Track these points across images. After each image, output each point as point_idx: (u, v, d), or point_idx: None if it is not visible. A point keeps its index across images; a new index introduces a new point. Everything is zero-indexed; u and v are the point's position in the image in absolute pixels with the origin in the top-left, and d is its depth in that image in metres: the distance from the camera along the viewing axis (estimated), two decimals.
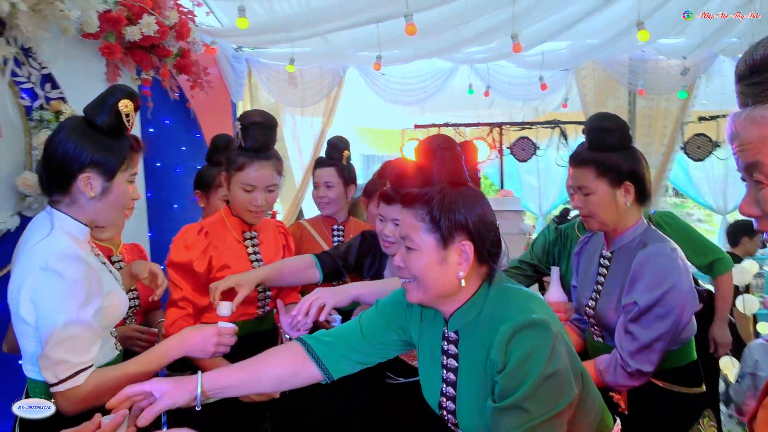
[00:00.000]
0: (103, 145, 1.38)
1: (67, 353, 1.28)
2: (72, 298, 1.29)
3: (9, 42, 2.23)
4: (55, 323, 1.27)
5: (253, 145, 1.84)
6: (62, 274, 1.27)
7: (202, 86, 3.65)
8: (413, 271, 1.17)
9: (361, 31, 3.77)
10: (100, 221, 1.45)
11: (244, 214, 1.91)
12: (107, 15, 2.72)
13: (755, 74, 0.75)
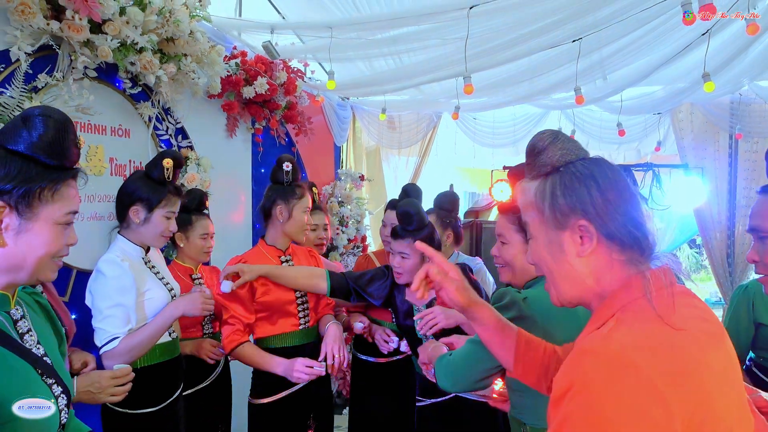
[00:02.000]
0: (147, 188, 2.00)
1: (106, 326, 1.86)
2: (110, 289, 1.88)
3: (153, 104, 2.86)
4: (100, 304, 1.88)
5: (296, 179, 2.36)
6: (105, 273, 1.89)
7: (305, 133, 4.20)
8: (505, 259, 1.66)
9: (447, 83, 4.12)
10: (144, 241, 2.02)
11: (301, 234, 2.34)
12: (228, 79, 3.33)
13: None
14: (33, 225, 1.07)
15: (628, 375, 0.77)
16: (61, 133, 1.09)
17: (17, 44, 2.11)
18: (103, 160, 2.62)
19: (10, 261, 1.07)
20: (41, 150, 1.06)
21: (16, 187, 1.04)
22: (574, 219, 0.93)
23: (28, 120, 1.07)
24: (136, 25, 2.44)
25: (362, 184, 5.26)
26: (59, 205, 1.10)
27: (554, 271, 0.99)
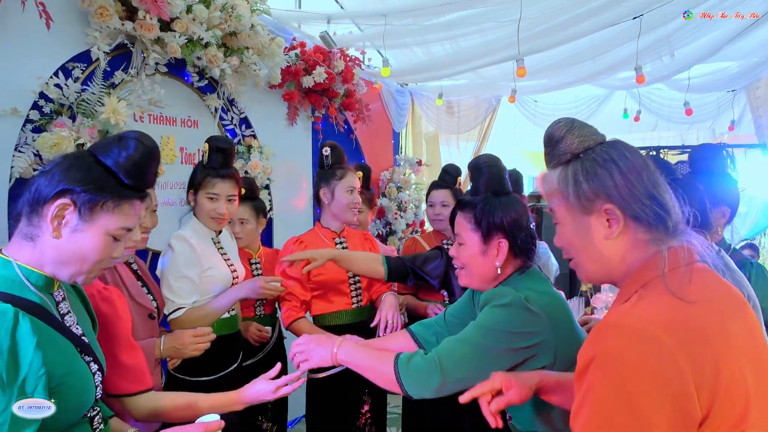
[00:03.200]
0: (196, 172, 2.21)
1: (173, 296, 2.04)
2: (177, 262, 2.06)
3: (219, 96, 3.03)
4: (168, 275, 2.06)
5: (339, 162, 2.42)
6: (173, 248, 2.09)
7: (364, 120, 4.30)
8: (464, 261, 1.55)
9: (505, 66, 4.08)
10: (204, 223, 2.21)
11: (347, 214, 2.41)
12: (288, 69, 3.46)
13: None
14: (88, 229, 1.14)
15: (650, 345, 0.81)
16: (146, 159, 1.18)
17: (97, 44, 2.31)
18: (174, 149, 2.82)
19: (59, 255, 1.14)
20: (123, 169, 1.16)
21: (86, 191, 1.12)
22: (600, 203, 0.97)
23: (123, 140, 1.18)
24: (201, 22, 2.60)
25: (420, 169, 5.31)
26: (116, 218, 1.16)
27: (583, 254, 1.03)
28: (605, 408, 0.83)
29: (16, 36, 2.08)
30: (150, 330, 1.90)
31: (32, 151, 2.09)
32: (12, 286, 1.11)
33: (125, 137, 1.19)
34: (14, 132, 2.07)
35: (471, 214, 1.52)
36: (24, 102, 2.09)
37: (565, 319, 1.43)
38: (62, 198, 1.12)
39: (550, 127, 1.06)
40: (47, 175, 1.14)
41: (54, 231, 1.12)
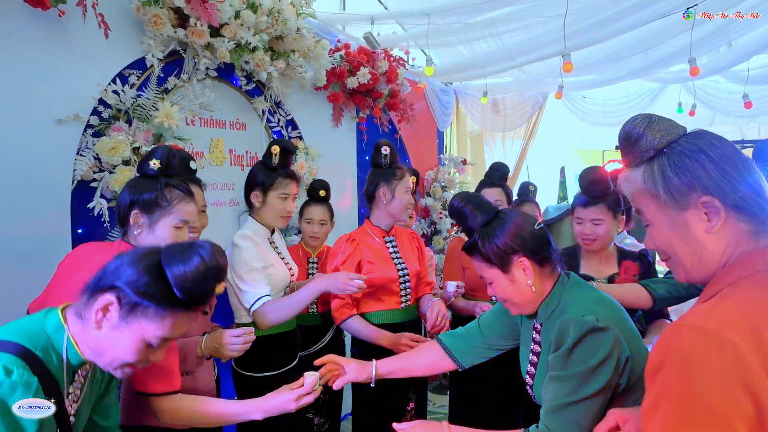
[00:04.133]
0: (262, 173, 2.24)
1: (250, 286, 2.10)
2: (246, 256, 2.12)
3: (266, 98, 3.10)
4: (239, 270, 2.10)
5: (395, 162, 2.43)
6: (239, 245, 2.15)
7: (408, 120, 4.31)
8: (502, 296, 1.50)
9: (552, 61, 4.01)
10: (268, 222, 2.26)
11: (404, 214, 2.45)
12: (333, 71, 3.51)
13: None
14: (125, 329, 1.14)
15: (725, 350, 0.76)
16: (204, 278, 1.14)
17: (151, 52, 2.41)
18: (224, 151, 2.91)
19: (96, 345, 1.16)
20: (178, 284, 1.13)
21: (135, 294, 1.12)
22: (695, 197, 0.91)
23: (189, 251, 1.15)
24: (249, 27, 2.67)
25: (465, 169, 5.27)
26: (156, 327, 1.15)
27: (683, 253, 0.96)
28: (682, 415, 0.78)
29: (77, 46, 2.20)
30: (203, 325, 1.97)
31: (92, 154, 2.20)
32: (47, 350, 1.14)
33: (193, 248, 1.16)
34: (76, 137, 2.19)
35: (478, 254, 1.47)
36: (85, 108, 2.21)
37: (622, 316, 1.39)
38: (111, 293, 1.13)
39: (626, 125, 1.00)
40: (117, 262, 1.16)
41: (95, 323, 1.14)
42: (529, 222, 1.46)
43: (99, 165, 2.23)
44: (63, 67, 2.16)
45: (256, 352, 2.09)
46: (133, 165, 2.25)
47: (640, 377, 1.30)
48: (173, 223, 1.64)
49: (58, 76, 2.14)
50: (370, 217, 2.51)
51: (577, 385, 1.29)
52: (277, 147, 2.23)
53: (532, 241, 1.43)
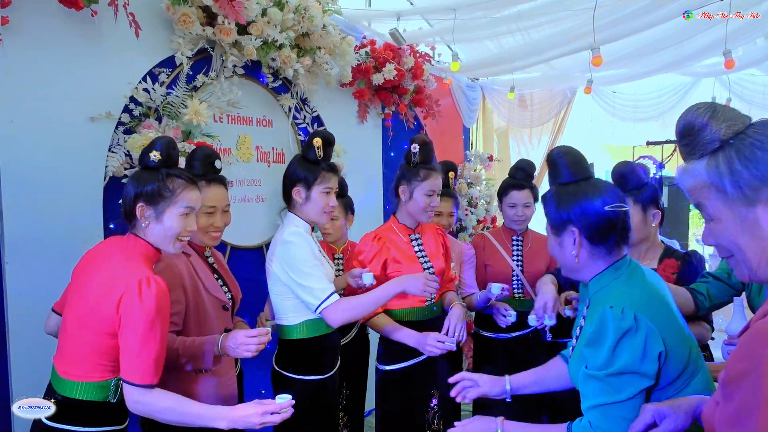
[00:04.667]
0: (304, 168, 2.11)
1: (316, 282, 2.00)
2: (304, 251, 2.02)
3: (292, 95, 3.13)
4: (301, 267, 2.00)
5: (426, 161, 2.34)
6: (293, 242, 2.03)
7: (433, 116, 4.29)
8: (549, 251, 1.55)
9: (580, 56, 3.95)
10: (309, 218, 2.14)
11: (422, 216, 2.38)
12: (359, 67, 3.52)
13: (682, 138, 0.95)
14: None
15: None
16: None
17: (180, 50, 2.45)
18: (251, 148, 2.94)
19: None
20: None
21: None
22: (766, 191, 0.87)
23: None
24: (275, 24, 2.69)
25: (491, 165, 5.23)
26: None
27: (750, 251, 0.91)
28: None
29: (109, 45, 2.25)
30: (224, 321, 1.96)
31: (123, 151, 2.25)
32: None
33: None
34: (108, 134, 2.24)
35: (545, 209, 1.51)
36: (116, 106, 2.26)
37: (667, 312, 1.37)
38: None
39: (688, 115, 0.95)
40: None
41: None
42: (601, 199, 1.43)
43: (130, 161, 2.28)
44: (95, 66, 2.21)
45: (298, 353, 2.09)
46: None
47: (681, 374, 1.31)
48: (179, 212, 1.63)
49: (91, 74, 2.19)
50: (396, 213, 2.49)
51: (618, 386, 1.29)
52: (319, 139, 2.12)
53: (593, 219, 1.42)
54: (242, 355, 1.78)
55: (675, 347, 1.31)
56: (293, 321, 2.11)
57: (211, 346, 1.79)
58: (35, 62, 2.02)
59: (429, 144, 2.39)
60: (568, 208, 1.43)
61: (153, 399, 1.51)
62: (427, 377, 2.36)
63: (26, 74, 2.00)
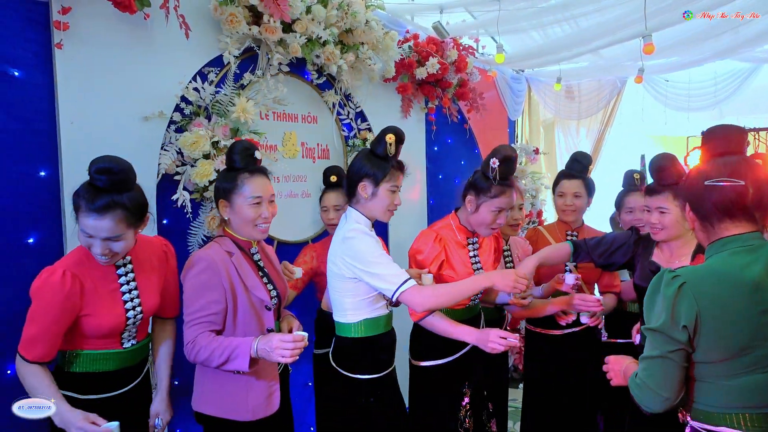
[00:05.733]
0: (373, 164, 2.05)
1: (387, 268, 1.96)
2: (368, 243, 1.99)
3: (336, 91, 3.15)
4: (368, 257, 1.96)
5: (506, 178, 2.25)
6: (357, 237, 1.99)
7: (477, 109, 4.25)
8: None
9: (630, 44, 3.82)
10: (372, 215, 2.10)
11: (484, 231, 2.31)
12: (402, 62, 3.51)
13: None
14: None
15: None
16: None
17: (228, 49, 2.50)
18: (296, 144, 2.98)
19: None
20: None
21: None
22: None
23: None
24: (319, 21, 2.72)
25: (537, 158, 5.13)
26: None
27: None
28: None
29: (161, 46, 2.32)
30: (266, 321, 1.95)
31: (175, 149, 2.33)
32: None
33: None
34: (160, 132, 2.32)
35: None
36: (168, 105, 2.33)
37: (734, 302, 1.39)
38: None
39: None
40: None
41: None
42: (704, 177, 1.49)
43: (181, 159, 2.35)
44: (148, 67, 2.28)
45: (355, 351, 2.07)
46: (212, 159, 2.36)
47: (730, 359, 1.38)
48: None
49: (144, 75, 2.27)
50: (458, 211, 2.42)
51: (654, 344, 1.44)
52: (392, 135, 2.06)
53: (697, 195, 1.50)
54: (277, 360, 1.75)
55: (723, 330, 1.37)
56: (351, 319, 2.07)
57: (247, 348, 1.77)
58: (93, 65, 2.11)
59: (512, 159, 2.26)
60: (684, 188, 1.62)
61: (24, 372, 1.64)
62: (461, 375, 2.34)
63: (85, 77, 2.09)
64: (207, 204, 2.46)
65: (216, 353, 1.77)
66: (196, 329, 1.81)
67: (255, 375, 1.90)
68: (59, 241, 2.06)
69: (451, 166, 4.41)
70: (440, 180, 4.26)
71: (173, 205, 2.35)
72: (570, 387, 2.76)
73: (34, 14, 1.97)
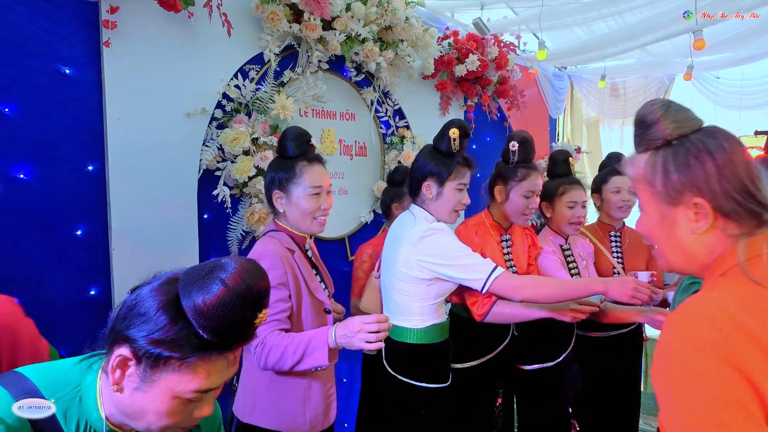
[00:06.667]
0: (436, 161, 1.95)
1: (471, 259, 1.87)
2: (450, 237, 1.93)
3: (375, 89, 3.15)
4: (452, 250, 1.88)
5: (527, 160, 2.23)
6: (436, 234, 1.90)
7: (518, 107, 4.18)
8: None
9: (679, 40, 3.69)
10: (438, 215, 2.00)
11: (519, 219, 2.28)
12: (441, 59, 3.48)
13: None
14: (151, 389, 0.92)
15: (704, 324, 0.79)
16: (236, 310, 0.91)
17: (268, 47, 2.54)
18: (334, 141, 3.00)
19: (125, 409, 0.95)
20: (199, 320, 0.89)
21: (151, 345, 0.89)
22: (689, 196, 0.92)
23: (209, 277, 0.91)
24: (359, 19, 2.72)
25: (579, 157, 5.01)
26: (187, 379, 0.92)
27: (665, 244, 0.99)
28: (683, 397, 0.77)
29: (204, 44, 2.37)
30: (324, 325, 1.78)
31: (216, 145, 2.37)
32: (69, 411, 0.96)
33: (213, 272, 0.92)
34: (202, 129, 2.37)
35: None
36: (210, 102, 2.38)
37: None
38: (125, 347, 0.91)
39: (642, 109, 0.99)
40: (130, 300, 0.94)
41: (113, 384, 0.93)
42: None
43: (222, 155, 2.40)
44: (192, 65, 2.33)
45: (418, 358, 1.98)
46: (252, 155, 2.39)
47: None
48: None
49: (187, 73, 2.32)
50: (490, 208, 2.37)
51: None
52: (456, 130, 1.92)
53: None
54: (360, 346, 1.54)
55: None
56: (419, 324, 1.96)
57: (324, 338, 1.57)
58: (139, 63, 2.17)
59: (529, 141, 2.23)
60: None
61: None
62: (494, 376, 2.30)
63: (131, 74, 2.15)
64: (246, 200, 2.50)
65: (289, 351, 1.56)
66: (265, 329, 1.59)
67: (315, 377, 1.74)
68: (105, 233, 2.12)
69: (490, 165, 4.27)
70: (478, 179, 4.17)
71: (214, 200, 2.40)
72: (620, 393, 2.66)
73: (84, 14, 2.04)
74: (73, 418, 0.96)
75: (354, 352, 2.19)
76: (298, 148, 1.76)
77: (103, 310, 2.08)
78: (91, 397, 0.97)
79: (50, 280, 1.98)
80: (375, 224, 3.25)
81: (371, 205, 3.23)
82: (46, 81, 1.96)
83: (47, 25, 1.95)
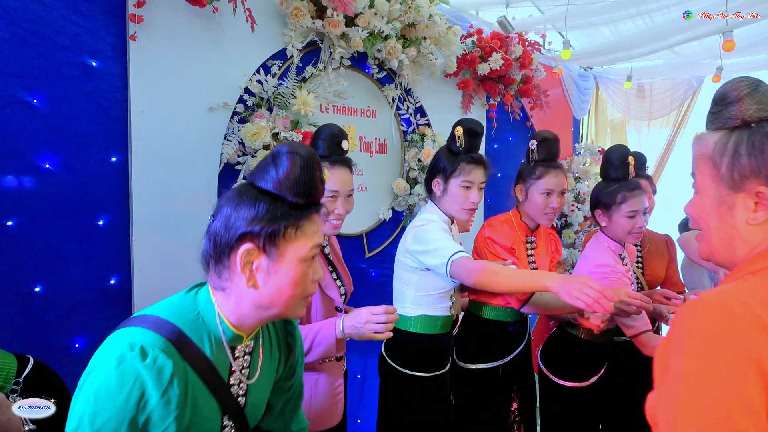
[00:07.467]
0: (445, 158, 2.04)
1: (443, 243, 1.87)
2: (435, 228, 1.96)
3: (396, 86, 3.15)
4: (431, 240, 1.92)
5: (549, 159, 2.21)
6: (420, 225, 1.99)
7: (541, 107, 4.13)
8: None
9: (709, 41, 3.61)
10: (448, 212, 2.08)
11: (541, 218, 2.27)
12: (464, 57, 3.46)
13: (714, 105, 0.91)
14: (281, 265, 1.06)
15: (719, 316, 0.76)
16: (307, 170, 1.07)
17: (291, 43, 2.55)
18: (355, 138, 3.00)
19: (262, 301, 1.08)
20: (287, 189, 1.06)
21: (264, 228, 1.03)
22: (753, 183, 0.87)
23: (277, 157, 1.07)
24: (382, 15, 2.72)
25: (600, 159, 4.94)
26: (303, 241, 1.08)
27: (714, 231, 0.94)
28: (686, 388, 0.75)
29: (227, 39, 2.39)
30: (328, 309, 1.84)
31: (237, 139, 2.39)
32: (196, 332, 1.08)
33: (278, 153, 1.09)
34: (224, 123, 2.39)
35: None
36: (232, 96, 2.40)
37: None
38: (244, 244, 1.04)
39: (727, 85, 0.93)
40: (219, 221, 1.08)
41: (248, 281, 1.06)
42: None
43: (243, 149, 2.42)
44: (215, 59, 2.36)
45: (409, 347, 2.04)
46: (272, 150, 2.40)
47: None
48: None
49: (210, 67, 2.34)
50: (518, 208, 2.37)
51: None
52: (460, 128, 1.99)
53: None
54: (369, 336, 1.59)
55: None
56: (410, 312, 2.05)
57: (332, 329, 1.62)
58: (163, 57, 2.19)
59: (550, 140, 2.22)
60: None
61: None
62: (508, 379, 2.29)
63: (156, 68, 2.18)
64: None
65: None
66: None
67: (323, 370, 1.76)
68: (126, 223, 2.16)
69: (512, 165, 4.31)
70: (499, 178, 4.18)
71: None
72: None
73: (112, 7, 2.07)
74: (203, 336, 1.08)
75: (368, 349, 2.20)
76: (328, 148, 1.78)
77: (123, 300, 2.12)
78: (211, 314, 1.10)
79: (72, 268, 2.02)
80: (393, 221, 3.25)
81: (390, 203, 3.22)
82: (73, 73, 1.99)
83: (77, 19, 1.98)
